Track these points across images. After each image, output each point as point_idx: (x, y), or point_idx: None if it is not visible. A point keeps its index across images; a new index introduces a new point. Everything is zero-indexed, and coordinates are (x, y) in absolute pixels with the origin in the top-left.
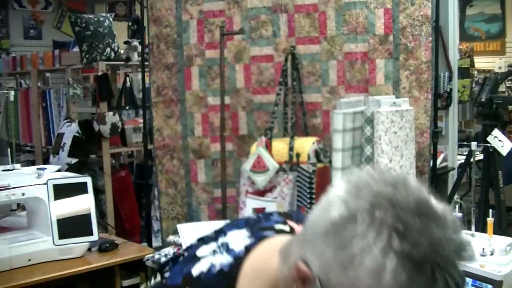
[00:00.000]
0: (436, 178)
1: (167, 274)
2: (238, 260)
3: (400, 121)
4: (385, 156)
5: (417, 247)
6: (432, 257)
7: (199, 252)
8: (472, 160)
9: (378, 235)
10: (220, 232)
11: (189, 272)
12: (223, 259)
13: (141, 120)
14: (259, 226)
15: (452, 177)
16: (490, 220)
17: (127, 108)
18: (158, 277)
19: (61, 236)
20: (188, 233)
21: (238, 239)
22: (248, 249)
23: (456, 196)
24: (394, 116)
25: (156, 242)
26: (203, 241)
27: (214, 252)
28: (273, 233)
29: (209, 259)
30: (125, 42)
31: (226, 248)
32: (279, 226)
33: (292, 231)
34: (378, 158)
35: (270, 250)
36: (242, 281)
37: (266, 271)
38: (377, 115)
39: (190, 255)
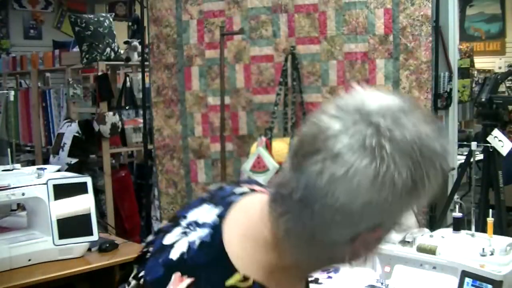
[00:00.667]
0: None
1: (141, 274)
2: (216, 228)
3: None
4: None
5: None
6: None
7: (166, 241)
8: (472, 160)
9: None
10: (179, 218)
11: (168, 259)
12: (200, 233)
13: (141, 120)
14: (219, 197)
15: (452, 177)
16: (490, 220)
17: (127, 108)
18: (132, 283)
19: (61, 236)
20: None
21: (204, 213)
22: (221, 216)
23: (456, 196)
24: None
25: None
26: (163, 231)
27: (185, 233)
28: (237, 196)
29: (184, 240)
30: (125, 42)
31: (196, 224)
32: (239, 190)
33: (253, 191)
34: None
35: (249, 209)
36: (231, 248)
37: (254, 230)
38: None
39: (158, 248)
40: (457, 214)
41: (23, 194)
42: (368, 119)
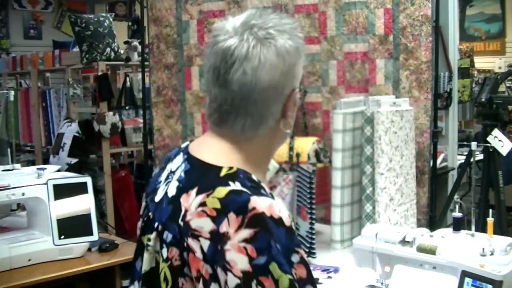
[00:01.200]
0: (436, 178)
1: (156, 225)
2: (189, 157)
3: (400, 121)
4: (385, 156)
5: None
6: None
7: (157, 198)
8: (472, 160)
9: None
10: (155, 187)
11: (169, 198)
12: (179, 171)
13: (141, 120)
14: (172, 154)
15: (452, 177)
16: (490, 220)
17: (127, 108)
18: (152, 236)
19: (61, 236)
20: None
21: (172, 166)
22: (185, 151)
23: (456, 196)
24: (394, 116)
25: None
26: (149, 201)
27: (168, 181)
28: (185, 145)
29: (172, 182)
30: (125, 42)
31: (172, 172)
32: (183, 145)
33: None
34: (378, 158)
35: (201, 141)
36: (209, 160)
37: (218, 146)
38: (377, 115)
39: (154, 207)
40: (457, 214)
41: (23, 194)
42: (252, 30)
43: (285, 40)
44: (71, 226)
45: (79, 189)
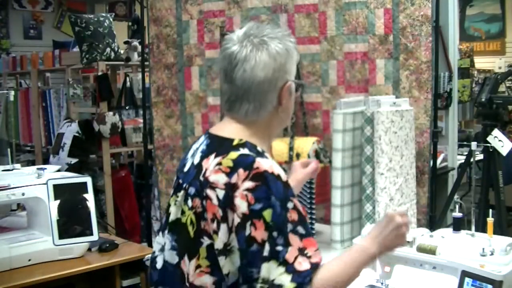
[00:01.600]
0: (436, 178)
1: (185, 186)
2: (207, 135)
3: (400, 121)
4: (385, 156)
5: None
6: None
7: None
8: (472, 160)
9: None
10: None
11: (193, 164)
12: (199, 151)
13: (141, 120)
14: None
15: (452, 177)
16: (490, 220)
17: (127, 108)
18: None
19: (61, 236)
20: None
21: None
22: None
23: (456, 196)
24: (394, 116)
25: None
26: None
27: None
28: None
29: (189, 160)
30: (125, 42)
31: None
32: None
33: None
34: (378, 158)
35: (218, 127)
36: (223, 135)
37: (229, 127)
38: (377, 115)
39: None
40: (457, 214)
41: (23, 194)
42: (250, 38)
43: (276, 44)
44: (71, 226)
45: (79, 189)
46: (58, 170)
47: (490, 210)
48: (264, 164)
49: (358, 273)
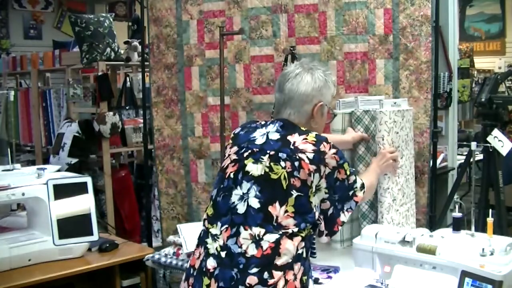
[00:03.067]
0: (436, 178)
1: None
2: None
3: (401, 121)
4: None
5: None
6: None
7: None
8: (472, 160)
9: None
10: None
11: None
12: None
13: (141, 120)
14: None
15: (452, 177)
16: (490, 220)
17: (127, 108)
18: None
19: (61, 236)
20: (188, 233)
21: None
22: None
23: (456, 196)
24: (396, 116)
25: (156, 242)
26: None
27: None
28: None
29: (273, 135)
30: (125, 42)
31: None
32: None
33: None
34: None
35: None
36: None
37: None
38: (380, 115)
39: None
40: (457, 214)
41: (23, 194)
42: (304, 64)
43: (319, 73)
44: (71, 226)
45: (79, 189)
46: (58, 170)
47: (490, 210)
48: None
49: (376, 180)
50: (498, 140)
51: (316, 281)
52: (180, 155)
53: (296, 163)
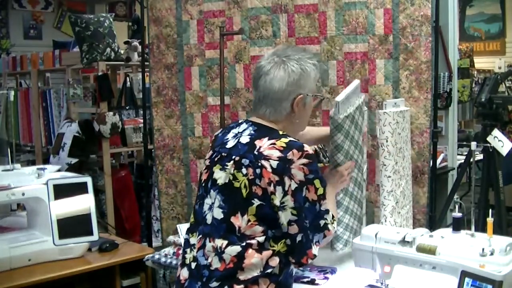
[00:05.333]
0: (436, 178)
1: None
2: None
3: (402, 122)
4: (392, 158)
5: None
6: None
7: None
8: (472, 160)
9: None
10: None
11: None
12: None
13: (141, 120)
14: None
15: (452, 177)
16: (490, 220)
17: (127, 108)
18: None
19: (61, 236)
20: None
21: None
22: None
23: (456, 196)
24: (399, 117)
25: (156, 242)
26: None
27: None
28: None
29: (244, 138)
30: (125, 42)
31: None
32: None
33: None
34: (385, 160)
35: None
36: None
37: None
38: (384, 116)
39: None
40: (457, 214)
41: (23, 194)
42: (276, 56)
43: (292, 64)
44: (71, 226)
45: (79, 189)
46: (58, 170)
47: (490, 210)
48: (309, 148)
49: (335, 207)
50: (498, 140)
51: (312, 282)
52: (180, 155)
53: (258, 171)
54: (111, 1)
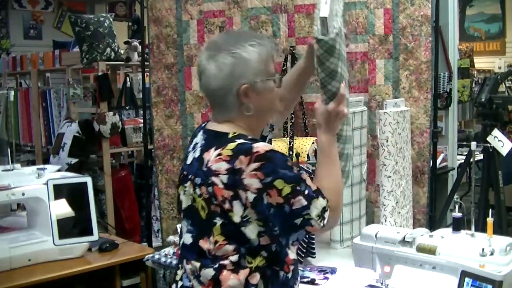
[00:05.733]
0: (436, 178)
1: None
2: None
3: (403, 122)
4: (392, 158)
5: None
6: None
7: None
8: (472, 160)
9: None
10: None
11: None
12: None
13: (141, 120)
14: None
15: (452, 177)
16: (490, 220)
17: (127, 108)
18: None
19: (61, 236)
20: None
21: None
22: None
23: (456, 196)
24: (399, 117)
25: (156, 242)
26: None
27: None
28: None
29: (197, 150)
30: (125, 42)
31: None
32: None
33: None
34: (385, 160)
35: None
36: (216, 130)
37: (215, 123)
38: (384, 116)
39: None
40: (457, 214)
41: (23, 194)
42: (208, 50)
43: (223, 56)
44: (71, 226)
45: (79, 189)
46: (58, 170)
47: (490, 210)
48: (261, 146)
49: (337, 162)
50: (498, 140)
51: (312, 282)
52: (180, 155)
53: (210, 189)
54: (111, 1)
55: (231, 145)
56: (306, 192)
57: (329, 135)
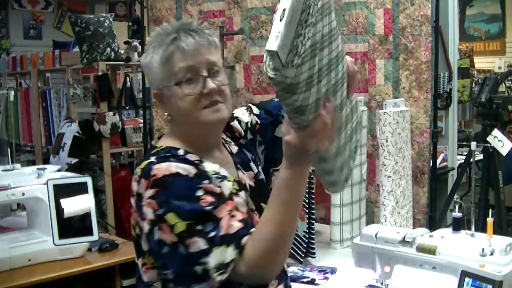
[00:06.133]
0: (436, 178)
1: None
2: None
3: (402, 122)
4: (392, 158)
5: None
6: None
7: None
8: (472, 160)
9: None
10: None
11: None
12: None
13: (141, 120)
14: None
15: (452, 177)
16: (490, 220)
17: (127, 108)
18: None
19: (61, 236)
20: None
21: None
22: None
23: (456, 196)
24: (399, 117)
25: None
26: None
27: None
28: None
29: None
30: (125, 42)
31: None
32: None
33: None
34: (385, 160)
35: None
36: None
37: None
38: (384, 116)
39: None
40: (457, 214)
41: (23, 194)
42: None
43: (143, 59)
44: (71, 226)
45: (79, 189)
46: (58, 170)
47: (490, 210)
48: (162, 168)
49: (298, 203)
50: (498, 140)
51: (312, 282)
52: None
53: (131, 211)
54: (111, 1)
55: (144, 164)
56: (211, 234)
57: (292, 171)
